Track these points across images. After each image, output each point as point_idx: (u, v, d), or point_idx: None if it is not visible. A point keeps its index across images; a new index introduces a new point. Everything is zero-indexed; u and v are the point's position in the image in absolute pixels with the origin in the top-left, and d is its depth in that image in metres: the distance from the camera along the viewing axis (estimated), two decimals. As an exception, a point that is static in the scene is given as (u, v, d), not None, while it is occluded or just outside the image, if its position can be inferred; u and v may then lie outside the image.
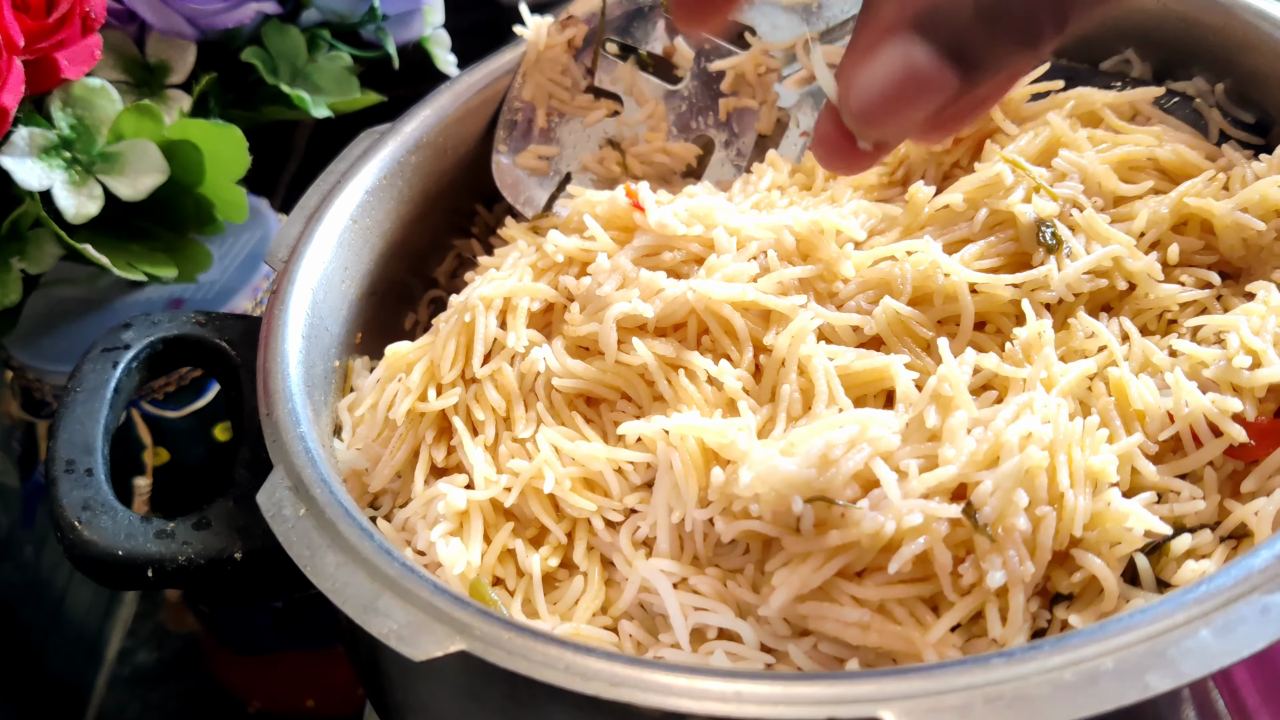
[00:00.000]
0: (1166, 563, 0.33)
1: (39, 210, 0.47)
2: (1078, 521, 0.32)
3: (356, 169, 0.46)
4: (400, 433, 0.40)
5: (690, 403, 0.38)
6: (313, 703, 0.60)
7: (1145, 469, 0.34)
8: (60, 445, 0.39)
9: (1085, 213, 0.39)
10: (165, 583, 0.37)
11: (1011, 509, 0.31)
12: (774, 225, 0.41)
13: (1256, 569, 0.28)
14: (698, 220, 0.41)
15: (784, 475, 0.33)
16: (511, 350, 0.40)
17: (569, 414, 0.39)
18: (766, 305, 0.39)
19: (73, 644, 0.63)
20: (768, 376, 0.38)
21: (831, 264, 0.40)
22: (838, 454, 0.33)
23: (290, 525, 0.34)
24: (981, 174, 0.41)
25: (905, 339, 0.38)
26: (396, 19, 0.56)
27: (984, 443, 0.33)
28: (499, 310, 0.41)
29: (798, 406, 0.37)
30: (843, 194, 0.45)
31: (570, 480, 0.37)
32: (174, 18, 0.50)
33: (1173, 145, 0.41)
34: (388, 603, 0.31)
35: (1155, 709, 0.28)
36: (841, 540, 0.32)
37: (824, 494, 0.33)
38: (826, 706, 0.27)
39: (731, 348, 0.39)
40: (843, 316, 0.39)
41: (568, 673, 0.29)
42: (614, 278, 0.40)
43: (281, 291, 0.42)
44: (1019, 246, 0.40)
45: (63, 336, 0.53)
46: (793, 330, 0.38)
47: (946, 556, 0.32)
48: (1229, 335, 0.35)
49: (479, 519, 0.37)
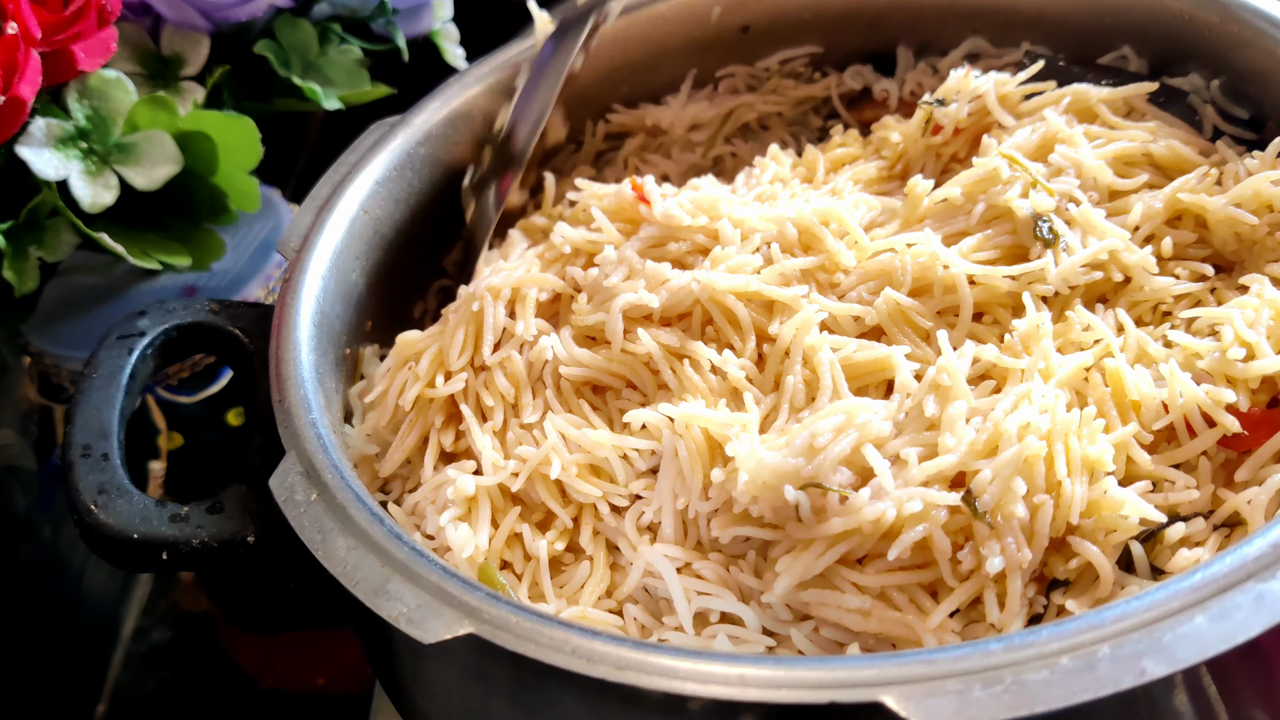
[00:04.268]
0: (1161, 550, 0.33)
1: (56, 200, 0.47)
2: (1075, 509, 0.32)
3: (367, 160, 0.47)
4: (410, 419, 0.40)
5: (695, 392, 0.38)
6: (323, 681, 0.61)
7: (1140, 458, 0.34)
8: (77, 430, 0.39)
9: (1081, 207, 0.39)
10: (179, 565, 0.37)
11: (1010, 496, 0.32)
12: (777, 217, 0.41)
13: (1251, 557, 0.28)
14: (702, 211, 0.41)
15: (771, 467, 0.33)
16: (520, 339, 0.40)
17: (576, 401, 0.40)
18: (770, 296, 0.39)
19: (89, 623, 0.64)
20: (771, 366, 0.38)
21: (833, 255, 0.40)
22: (823, 441, 0.33)
23: (302, 510, 0.35)
24: (979, 168, 0.41)
25: (905, 329, 0.39)
26: (406, 13, 0.56)
27: (983, 432, 0.33)
28: (507, 300, 0.41)
29: (801, 397, 0.37)
30: (844, 188, 0.45)
31: (576, 466, 0.37)
32: (188, 11, 0.51)
33: (1167, 141, 0.42)
34: (398, 586, 0.32)
35: (1150, 695, 0.29)
36: (843, 527, 0.32)
37: (814, 480, 0.33)
38: (828, 690, 0.27)
39: (735, 337, 0.39)
40: (844, 306, 0.39)
41: (574, 656, 0.29)
42: (621, 268, 0.40)
43: (293, 280, 0.42)
44: (1016, 239, 0.40)
45: (79, 323, 0.53)
46: (798, 321, 0.38)
47: (946, 543, 0.32)
48: (1223, 327, 0.36)
49: (487, 504, 0.38)
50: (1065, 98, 0.44)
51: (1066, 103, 0.43)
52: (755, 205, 0.43)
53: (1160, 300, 0.39)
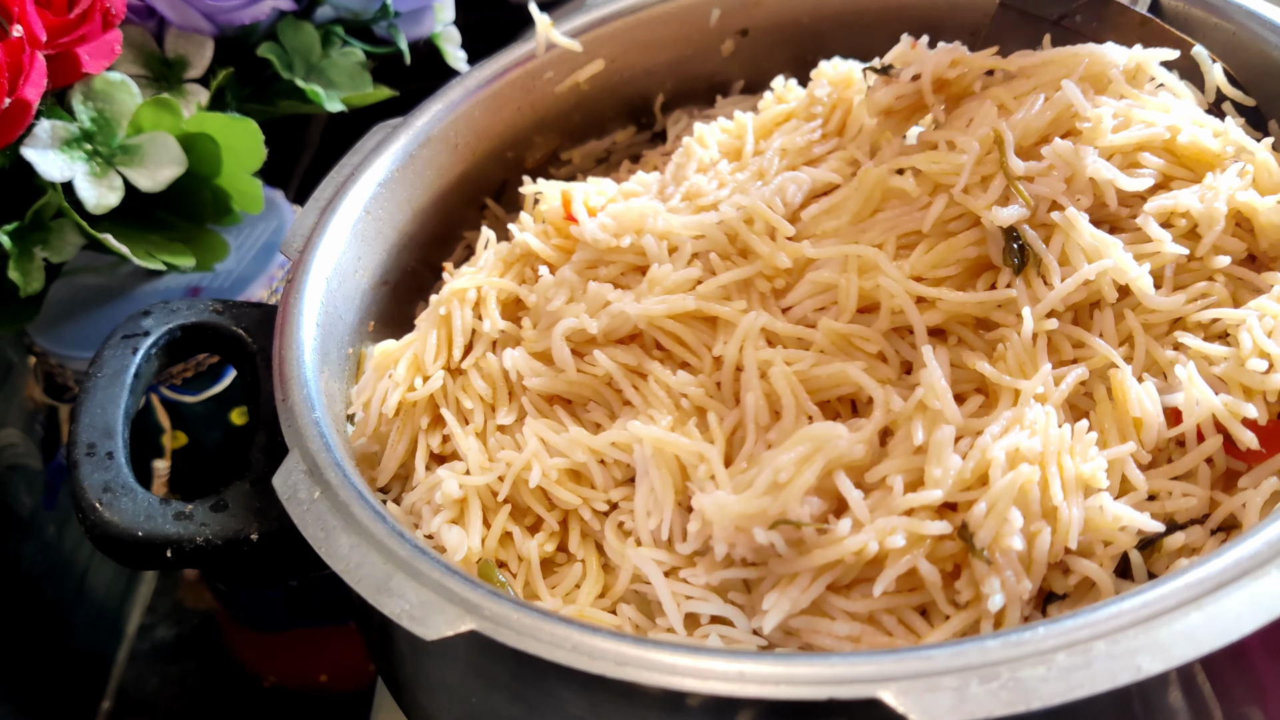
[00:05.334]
0: (1159, 557, 0.33)
1: (61, 201, 0.48)
2: (1073, 534, 0.32)
3: (369, 161, 0.47)
4: (398, 425, 0.41)
5: (660, 407, 0.37)
6: (325, 678, 0.61)
7: (1135, 478, 0.33)
8: (82, 429, 0.39)
9: (1067, 213, 0.36)
10: (183, 563, 0.38)
11: (1007, 529, 0.31)
12: (702, 224, 0.40)
13: (1246, 555, 0.28)
14: (626, 230, 0.41)
15: (737, 512, 0.32)
16: (489, 336, 0.41)
17: (550, 408, 0.40)
18: (709, 313, 0.38)
19: (94, 620, 0.65)
20: (726, 383, 0.37)
21: (767, 260, 0.38)
22: (785, 476, 0.32)
23: (305, 508, 0.35)
24: (944, 157, 0.37)
25: (854, 353, 0.37)
26: (408, 16, 0.57)
27: (971, 459, 0.32)
28: (473, 302, 0.42)
29: (765, 414, 0.36)
30: (770, 166, 0.42)
31: (557, 471, 0.37)
32: (192, 14, 0.51)
33: (1190, 133, 0.38)
34: (400, 583, 0.32)
35: (1145, 691, 0.29)
36: (825, 559, 0.32)
37: (782, 518, 0.32)
38: (826, 686, 0.27)
39: (689, 355, 0.38)
40: (789, 327, 0.37)
41: (575, 652, 0.29)
42: (561, 291, 0.40)
43: (296, 280, 0.43)
44: (983, 251, 0.37)
45: (84, 323, 0.53)
46: (740, 335, 0.37)
47: (935, 573, 0.31)
48: (1240, 334, 0.34)
49: (477, 505, 0.38)
50: (1084, 60, 0.38)
51: (1084, 68, 0.38)
52: (682, 208, 0.42)
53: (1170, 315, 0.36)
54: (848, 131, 0.44)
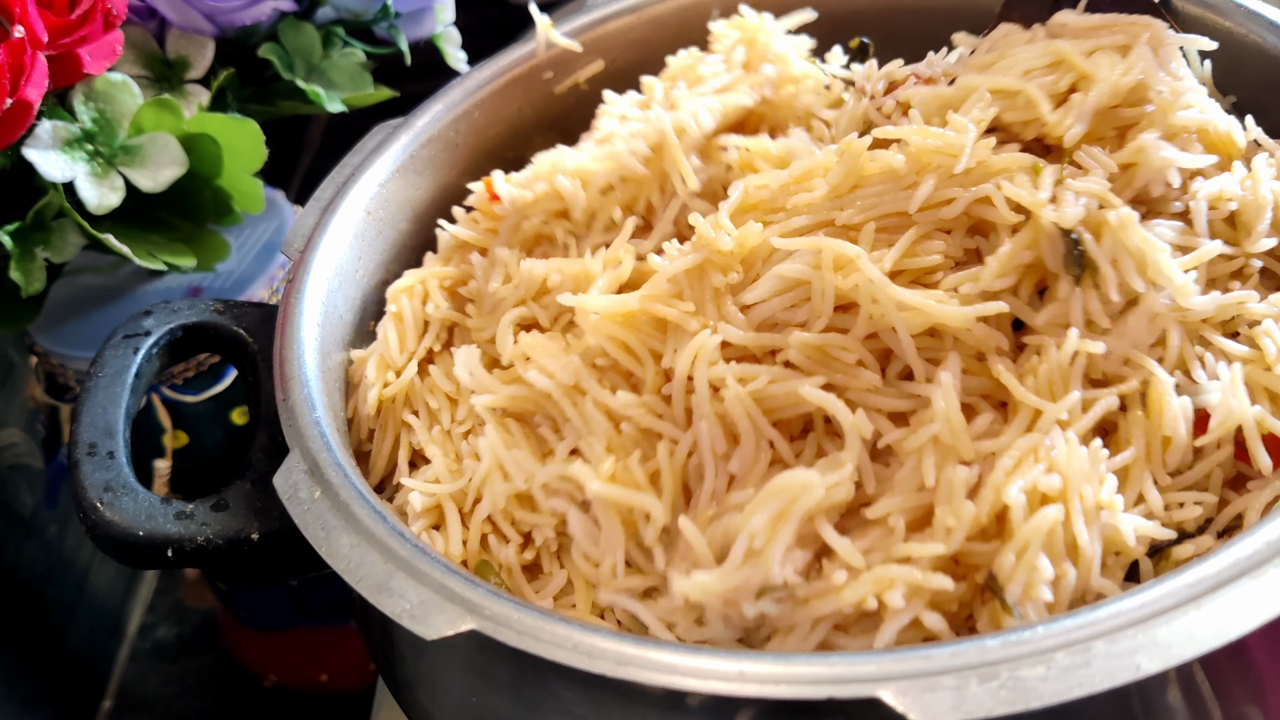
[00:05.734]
0: (1168, 565, 0.32)
1: (62, 201, 0.48)
2: (1095, 568, 0.31)
3: (370, 162, 0.47)
4: (379, 425, 0.41)
5: (600, 436, 0.34)
6: (326, 677, 0.62)
7: (1152, 499, 0.32)
8: (83, 429, 0.40)
9: (1121, 213, 0.31)
10: (184, 562, 0.38)
11: (1037, 578, 0.30)
12: (613, 154, 0.40)
13: (1245, 555, 0.28)
14: (539, 178, 0.41)
15: (719, 591, 0.30)
16: (441, 320, 0.42)
17: (501, 419, 0.38)
18: (656, 314, 0.34)
19: (95, 619, 0.65)
20: (677, 398, 0.34)
21: (710, 244, 0.34)
22: (760, 543, 0.30)
23: (306, 507, 0.35)
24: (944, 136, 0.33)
25: (830, 367, 0.33)
26: (409, 16, 0.57)
27: (985, 501, 0.30)
28: (421, 295, 0.43)
29: (721, 442, 0.33)
30: (680, 96, 0.42)
31: (505, 500, 0.36)
32: (193, 15, 0.51)
33: (1226, 120, 0.35)
34: (400, 583, 0.32)
35: (1144, 691, 0.29)
36: (823, 611, 0.31)
37: (766, 586, 0.30)
38: (826, 685, 0.27)
39: (634, 364, 0.35)
40: (752, 338, 0.34)
41: (575, 652, 0.29)
42: (496, 271, 0.41)
43: (297, 280, 0.43)
44: (974, 242, 0.33)
45: (85, 323, 0.53)
46: (693, 350, 0.33)
47: (941, 623, 0.30)
48: (1263, 339, 0.32)
49: (453, 508, 0.38)
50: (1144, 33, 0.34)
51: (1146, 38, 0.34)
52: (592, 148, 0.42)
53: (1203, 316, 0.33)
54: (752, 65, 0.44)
